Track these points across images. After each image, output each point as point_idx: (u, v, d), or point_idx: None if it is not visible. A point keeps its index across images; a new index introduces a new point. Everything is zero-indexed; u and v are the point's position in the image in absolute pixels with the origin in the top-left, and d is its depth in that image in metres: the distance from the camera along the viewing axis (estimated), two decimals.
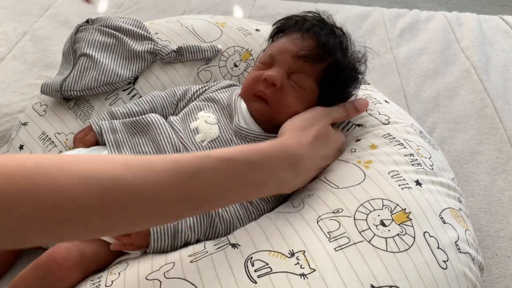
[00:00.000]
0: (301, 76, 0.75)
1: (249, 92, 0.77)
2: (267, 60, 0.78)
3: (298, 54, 0.75)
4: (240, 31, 1.01)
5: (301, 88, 0.76)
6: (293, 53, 0.75)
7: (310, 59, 0.75)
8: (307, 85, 0.76)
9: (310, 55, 0.75)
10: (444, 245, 0.60)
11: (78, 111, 0.87)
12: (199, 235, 0.65)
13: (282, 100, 0.75)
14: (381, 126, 0.79)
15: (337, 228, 0.60)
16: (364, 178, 0.67)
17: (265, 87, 0.75)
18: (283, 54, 0.76)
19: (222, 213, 0.67)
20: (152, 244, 0.63)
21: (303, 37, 0.77)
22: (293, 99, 0.75)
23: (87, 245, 0.63)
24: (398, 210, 0.62)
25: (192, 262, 0.58)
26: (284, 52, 0.76)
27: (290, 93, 0.75)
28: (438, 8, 2.47)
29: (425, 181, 0.68)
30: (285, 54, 0.76)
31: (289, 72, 0.75)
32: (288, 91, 0.75)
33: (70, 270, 0.61)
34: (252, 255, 0.57)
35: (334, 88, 0.78)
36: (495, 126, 1.07)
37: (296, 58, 0.75)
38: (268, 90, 0.75)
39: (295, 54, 0.75)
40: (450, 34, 1.43)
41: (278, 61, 0.76)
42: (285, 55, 0.76)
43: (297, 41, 0.77)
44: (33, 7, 1.52)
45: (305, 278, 0.54)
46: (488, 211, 0.89)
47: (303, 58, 0.75)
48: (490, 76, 1.23)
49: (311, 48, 0.75)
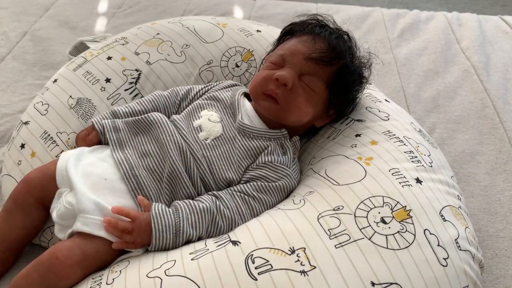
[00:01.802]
0: (311, 78, 0.77)
1: (259, 91, 0.78)
2: (278, 61, 0.79)
3: (310, 56, 0.76)
4: (242, 31, 1.02)
5: (311, 90, 0.77)
6: (305, 55, 0.77)
7: (322, 62, 0.76)
8: (317, 87, 0.77)
9: (321, 58, 0.76)
10: (444, 243, 0.60)
11: (80, 110, 0.87)
12: (200, 233, 0.65)
13: (293, 101, 0.76)
14: (381, 122, 0.80)
15: (338, 225, 0.60)
16: (365, 175, 0.68)
17: (276, 87, 0.76)
18: (295, 56, 0.77)
19: (224, 211, 0.67)
20: (154, 242, 0.63)
21: (314, 40, 0.78)
22: (303, 100, 0.76)
23: (88, 243, 0.63)
24: (398, 208, 0.62)
25: (193, 260, 0.58)
26: (295, 54, 0.78)
27: (300, 94, 0.76)
28: (438, 8, 2.47)
29: (425, 178, 0.68)
30: (297, 55, 0.77)
31: (300, 74, 0.77)
32: (298, 92, 0.76)
33: (72, 268, 0.61)
34: (253, 252, 0.57)
35: (342, 91, 0.80)
36: (495, 127, 1.07)
37: (307, 60, 0.76)
38: (279, 90, 0.76)
39: (307, 56, 0.76)
40: (450, 34, 1.43)
41: (289, 62, 0.78)
42: (297, 56, 0.77)
43: (308, 43, 0.78)
44: (33, 7, 1.52)
45: (306, 275, 0.54)
46: (488, 211, 0.89)
47: (314, 61, 0.76)
48: (490, 77, 1.23)
49: (322, 51, 0.77)
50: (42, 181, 0.72)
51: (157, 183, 0.71)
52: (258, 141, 0.75)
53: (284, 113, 0.76)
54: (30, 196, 0.72)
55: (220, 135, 0.76)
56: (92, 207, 0.65)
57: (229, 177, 0.72)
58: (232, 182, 0.73)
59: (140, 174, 0.70)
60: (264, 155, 0.74)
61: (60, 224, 0.68)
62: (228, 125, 0.78)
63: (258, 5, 1.60)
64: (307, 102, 0.76)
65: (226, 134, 0.76)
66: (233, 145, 0.75)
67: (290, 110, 0.76)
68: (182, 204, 0.66)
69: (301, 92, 0.76)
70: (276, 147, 0.76)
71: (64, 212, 0.67)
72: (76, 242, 0.63)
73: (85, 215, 0.64)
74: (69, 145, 0.83)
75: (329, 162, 0.74)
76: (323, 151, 0.79)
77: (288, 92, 0.75)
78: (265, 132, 0.77)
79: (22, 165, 0.82)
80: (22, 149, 0.83)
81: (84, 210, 0.64)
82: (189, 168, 0.71)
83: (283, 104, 0.76)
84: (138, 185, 0.69)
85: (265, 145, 0.75)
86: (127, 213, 0.64)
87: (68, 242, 0.63)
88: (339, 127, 0.82)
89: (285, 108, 0.76)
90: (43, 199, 0.72)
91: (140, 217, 0.64)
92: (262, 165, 0.73)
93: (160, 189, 0.70)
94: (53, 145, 0.83)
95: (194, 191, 0.71)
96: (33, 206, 0.72)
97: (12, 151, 0.85)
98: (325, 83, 0.77)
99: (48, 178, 0.71)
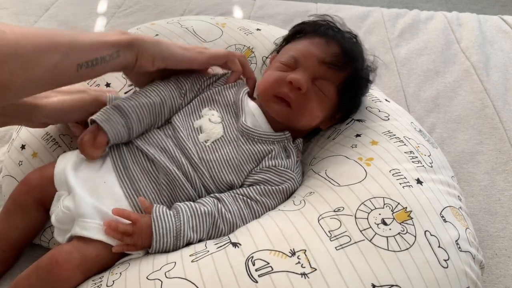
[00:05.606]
0: (324, 82, 0.76)
1: (270, 93, 0.76)
2: (289, 62, 0.77)
3: (324, 60, 0.75)
4: (241, 30, 1.02)
5: (323, 94, 0.76)
6: (319, 58, 0.76)
7: (335, 66, 0.75)
8: (329, 91, 0.76)
9: (335, 62, 0.75)
10: (445, 244, 0.60)
11: None
12: (201, 236, 0.65)
13: (306, 105, 0.75)
14: (381, 122, 0.80)
15: (338, 227, 0.60)
16: (365, 176, 0.67)
17: (289, 90, 0.74)
18: (308, 58, 0.76)
19: (225, 214, 0.67)
20: (155, 245, 0.62)
21: (328, 43, 0.77)
22: (316, 104, 0.75)
23: (88, 247, 0.63)
24: (399, 209, 0.62)
25: (193, 262, 0.58)
26: (309, 56, 0.76)
27: (313, 98, 0.75)
28: (438, 8, 2.47)
29: (426, 179, 0.68)
30: (311, 58, 0.76)
31: (313, 77, 0.76)
32: (311, 96, 0.75)
33: (72, 271, 0.61)
34: (253, 254, 0.57)
35: (352, 96, 0.80)
36: (495, 126, 1.07)
37: (321, 63, 0.75)
38: (293, 94, 0.74)
39: (321, 60, 0.75)
40: (450, 34, 1.43)
41: (302, 65, 0.76)
42: (311, 59, 0.76)
43: (321, 46, 0.77)
44: (33, 7, 1.52)
45: (306, 277, 0.54)
46: (488, 211, 0.89)
47: (328, 65, 0.75)
48: (490, 76, 1.23)
49: (336, 55, 0.76)
50: (41, 182, 0.71)
51: (155, 185, 0.70)
52: (262, 145, 0.74)
53: (296, 116, 0.75)
54: (29, 197, 0.71)
55: (221, 137, 0.74)
56: (91, 211, 0.64)
57: (230, 180, 0.71)
58: (233, 185, 0.72)
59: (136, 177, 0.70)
60: (268, 159, 0.73)
61: (59, 228, 0.68)
62: (229, 125, 0.76)
63: (258, 5, 1.60)
64: (319, 106, 0.76)
65: (227, 135, 0.75)
66: (235, 147, 0.73)
67: (302, 114, 0.75)
68: (184, 206, 0.65)
69: (314, 96, 0.75)
70: (280, 151, 0.75)
71: (62, 216, 0.66)
72: (76, 246, 0.62)
73: (84, 219, 0.63)
74: (72, 147, 0.83)
75: (329, 163, 0.74)
76: (323, 152, 0.79)
77: (301, 96, 0.74)
78: (269, 136, 0.75)
79: (23, 165, 0.82)
80: (23, 149, 0.83)
81: (83, 214, 0.64)
82: (186, 173, 0.70)
83: (295, 108, 0.75)
84: (133, 187, 0.69)
85: (269, 149, 0.74)
86: (128, 215, 0.64)
87: (68, 246, 0.63)
88: (339, 127, 0.82)
89: (297, 112, 0.75)
90: (42, 200, 0.72)
91: (141, 220, 0.63)
92: (266, 169, 0.73)
93: (159, 191, 0.70)
94: (55, 146, 0.83)
95: (194, 193, 0.70)
96: (32, 207, 0.72)
97: (12, 152, 0.85)
98: (337, 87, 0.77)
99: (47, 179, 0.71)
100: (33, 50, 0.52)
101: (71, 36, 0.57)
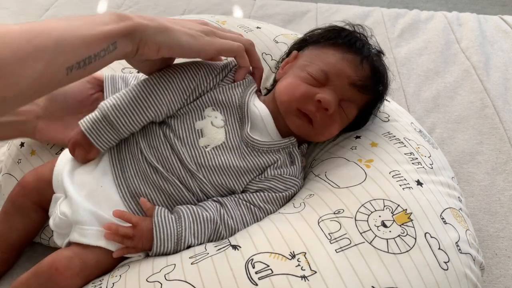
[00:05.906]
0: (350, 105, 0.74)
1: (294, 106, 0.72)
2: (319, 77, 0.73)
3: (356, 83, 0.73)
4: (241, 28, 1.01)
5: (346, 116, 0.75)
6: (350, 79, 0.72)
7: (364, 91, 0.74)
8: (352, 113, 0.75)
9: (365, 86, 0.73)
10: (445, 246, 0.60)
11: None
12: (202, 241, 0.64)
13: (328, 126, 0.73)
14: (381, 123, 0.80)
15: (338, 229, 0.60)
16: (365, 177, 0.67)
17: (316, 109, 0.71)
18: (340, 77, 0.72)
19: (227, 220, 0.66)
20: (155, 249, 0.62)
21: (362, 63, 0.74)
22: (338, 126, 0.74)
23: (88, 253, 0.62)
24: (399, 211, 0.62)
25: (192, 264, 0.58)
26: (341, 76, 0.72)
27: (337, 120, 0.74)
28: (438, 8, 2.47)
29: (426, 180, 0.68)
30: (342, 78, 0.72)
31: (341, 99, 0.73)
32: (336, 118, 0.73)
33: (72, 278, 0.60)
34: (253, 257, 0.57)
35: (368, 115, 0.80)
36: (495, 126, 1.07)
37: (351, 85, 0.73)
38: (319, 113, 0.72)
39: (352, 82, 0.73)
40: (450, 34, 1.43)
41: (332, 83, 0.72)
42: (342, 79, 0.72)
43: (355, 66, 0.73)
44: (33, 7, 1.52)
45: (306, 280, 0.54)
46: (488, 211, 0.89)
47: (358, 88, 0.73)
48: (490, 76, 1.23)
49: (367, 78, 0.74)
50: (38, 185, 0.70)
51: (153, 189, 0.68)
52: (267, 155, 0.72)
53: (315, 134, 0.74)
54: (27, 199, 0.71)
55: (222, 144, 0.71)
56: (89, 217, 0.63)
57: (231, 186, 0.70)
58: (235, 191, 0.71)
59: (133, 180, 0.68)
60: (273, 169, 0.72)
61: (57, 232, 0.67)
62: (232, 131, 0.72)
63: (258, 5, 1.60)
64: (340, 127, 0.75)
65: (229, 142, 0.71)
66: (238, 156, 0.70)
67: (322, 134, 0.74)
68: (186, 211, 0.64)
69: (338, 118, 0.73)
70: (285, 158, 0.73)
71: (60, 222, 0.65)
72: (76, 252, 0.62)
73: (82, 226, 0.62)
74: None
75: (329, 165, 0.74)
76: (323, 153, 0.79)
77: (327, 117, 0.72)
78: (275, 144, 0.73)
79: (22, 163, 0.81)
80: (22, 147, 0.83)
81: (81, 221, 0.63)
82: (184, 179, 0.68)
83: (317, 127, 0.73)
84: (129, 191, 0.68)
85: (275, 158, 0.72)
86: (128, 218, 0.63)
87: (67, 252, 0.62)
88: None
89: (318, 131, 0.73)
90: (40, 202, 0.71)
91: (141, 223, 0.63)
92: (271, 178, 0.71)
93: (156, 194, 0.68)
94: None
95: (193, 197, 0.69)
96: (31, 209, 0.71)
97: (12, 150, 0.85)
98: (359, 108, 0.76)
99: (44, 182, 0.70)
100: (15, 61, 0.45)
101: (59, 32, 0.50)
